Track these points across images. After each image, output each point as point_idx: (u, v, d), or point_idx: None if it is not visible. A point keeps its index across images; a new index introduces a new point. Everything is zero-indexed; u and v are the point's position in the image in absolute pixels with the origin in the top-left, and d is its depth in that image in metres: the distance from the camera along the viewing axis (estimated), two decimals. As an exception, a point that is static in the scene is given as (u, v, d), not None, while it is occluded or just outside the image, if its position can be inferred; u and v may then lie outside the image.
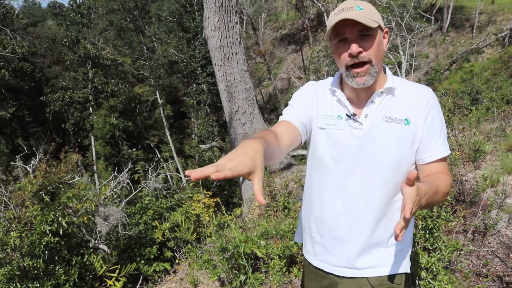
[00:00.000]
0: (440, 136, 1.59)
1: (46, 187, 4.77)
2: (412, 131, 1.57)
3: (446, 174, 1.61)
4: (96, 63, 25.99)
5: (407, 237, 1.73)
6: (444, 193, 1.56)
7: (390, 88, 1.62)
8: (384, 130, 1.59)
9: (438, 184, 1.52)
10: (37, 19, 63.93)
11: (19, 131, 29.69)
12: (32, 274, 4.56)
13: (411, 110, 1.58)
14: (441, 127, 1.60)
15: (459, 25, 29.27)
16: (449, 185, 1.59)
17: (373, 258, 1.68)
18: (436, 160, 1.60)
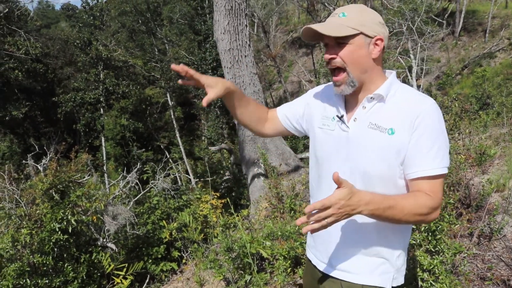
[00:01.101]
0: (428, 153, 1.49)
1: (56, 186, 4.86)
2: (395, 142, 1.52)
3: (429, 194, 1.50)
4: (107, 65, 26.24)
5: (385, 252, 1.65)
6: (411, 213, 1.48)
7: (380, 95, 1.58)
8: (367, 136, 1.58)
9: (402, 201, 1.48)
10: (50, 21, 64.62)
11: (31, 131, 30.04)
12: (42, 270, 4.64)
13: (398, 121, 1.52)
14: (431, 144, 1.49)
15: (472, 29, 29.09)
16: (424, 207, 1.48)
17: (350, 263, 1.69)
18: (421, 178, 1.51)
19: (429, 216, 1.51)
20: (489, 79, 21.44)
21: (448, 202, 3.03)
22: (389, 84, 1.60)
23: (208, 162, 23.03)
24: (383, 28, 1.58)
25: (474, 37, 28.48)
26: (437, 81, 25.53)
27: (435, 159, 1.49)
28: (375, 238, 1.62)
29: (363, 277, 1.66)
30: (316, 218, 1.37)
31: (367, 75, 1.60)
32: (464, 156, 4.04)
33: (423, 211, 1.48)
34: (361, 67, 1.58)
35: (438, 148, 1.50)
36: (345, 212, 1.39)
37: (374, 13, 1.59)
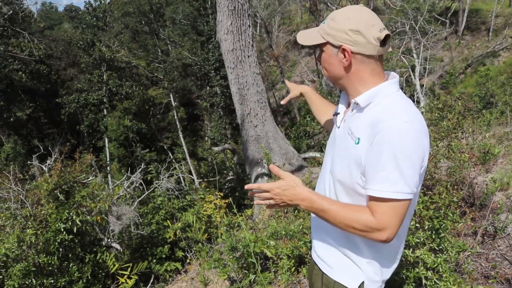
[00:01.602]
0: (378, 174, 1.43)
1: (61, 186, 4.89)
2: (358, 152, 1.50)
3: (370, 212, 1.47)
4: (111, 66, 26.31)
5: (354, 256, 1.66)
6: (344, 223, 1.50)
7: (357, 104, 1.58)
8: (343, 140, 1.62)
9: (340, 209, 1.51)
10: (54, 22, 64.87)
11: (35, 132, 30.15)
12: (47, 270, 4.67)
13: (365, 133, 1.50)
14: (383, 166, 1.41)
15: (475, 28, 29.02)
16: (358, 223, 1.47)
17: (328, 257, 1.75)
18: (370, 196, 1.48)
19: (370, 235, 1.47)
20: (492, 78, 21.38)
21: (451, 201, 3.03)
22: (374, 93, 1.55)
23: (211, 162, 23.07)
24: (357, 36, 1.50)
25: (478, 36, 28.42)
26: (440, 80, 25.49)
27: (385, 182, 1.42)
28: (344, 239, 1.66)
29: (338, 273, 1.71)
30: (257, 196, 1.59)
31: (343, 82, 1.62)
32: (468, 155, 4.04)
33: (356, 226, 1.48)
34: (332, 74, 1.63)
35: (391, 171, 1.40)
36: (282, 200, 1.56)
37: (349, 20, 1.52)
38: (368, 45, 1.50)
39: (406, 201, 1.44)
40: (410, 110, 1.49)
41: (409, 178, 1.41)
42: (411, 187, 1.43)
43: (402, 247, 1.73)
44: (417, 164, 1.43)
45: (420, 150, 1.43)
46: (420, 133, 1.44)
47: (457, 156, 4.10)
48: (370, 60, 1.54)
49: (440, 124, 4.68)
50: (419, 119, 1.47)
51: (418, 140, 1.43)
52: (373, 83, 1.56)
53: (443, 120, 4.67)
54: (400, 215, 1.45)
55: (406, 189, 1.41)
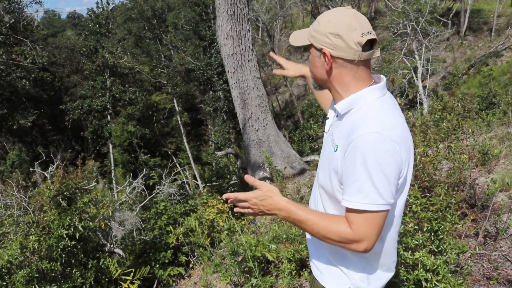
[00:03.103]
0: (351, 186, 1.41)
1: (63, 193, 4.91)
2: (335, 159, 1.50)
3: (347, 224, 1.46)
4: (114, 72, 26.41)
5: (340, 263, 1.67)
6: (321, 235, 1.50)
7: (336, 109, 1.58)
8: (326, 146, 1.63)
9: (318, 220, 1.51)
10: (57, 30, 65.27)
11: (40, 139, 30.30)
12: (50, 276, 4.69)
13: (341, 141, 1.49)
14: (355, 177, 1.39)
15: (477, 29, 28.94)
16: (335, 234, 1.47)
17: (319, 262, 1.76)
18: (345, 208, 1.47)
19: (347, 246, 1.47)
20: (495, 78, 21.33)
21: (450, 202, 3.03)
22: (353, 100, 1.52)
23: (215, 167, 23.07)
24: (337, 40, 1.46)
25: (480, 36, 28.33)
26: (443, 81, 25.43)
27: (358, 193, 1.40)
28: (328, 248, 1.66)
29: (326, 279, 1.72)
30: (236, 204, 1.63)
31: (328, 85, 1.61)
32: (468, 156, 4.04)
33: (334, 237, 1.48)
34: (316, 76, 1.63)
35: (364, 183, 1.38)
36: (260, 209, 1.59)
37: (331, 23, 1.48)
38: (348, 50, 1.46)
39: (381, 212, 1.41)
40: (388, 118, 1.45)
41: (382, 190, 1.38)
42: (385, 199, 1.39)
43: (392, 256, 1.70)
44: (391, 175, 1.39)
45: (395, 161, 1.39)
46: (394, 143, 1.39)
47: (457, 157, 4.10)
48: (352, 65, 1.50)
49: (440, 125, 4.68)
50: (397, 128, 1.43)
51: (391, 150, 1.38)
52: (355, 88, 1.52)
53: (443, 121, 4.67)
54: (377, 226, 1.43)
55: (379, 200, 1.39)
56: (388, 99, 1.55)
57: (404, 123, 1.52)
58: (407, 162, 1.46)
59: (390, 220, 1.55)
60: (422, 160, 3.66)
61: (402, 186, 1.49)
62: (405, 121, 1.55)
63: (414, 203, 2.94)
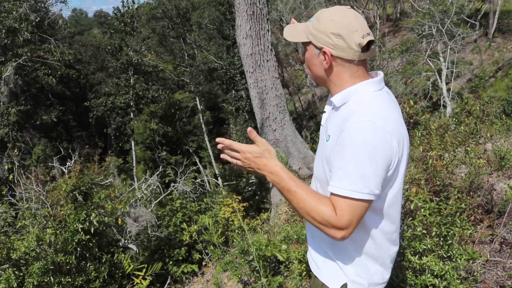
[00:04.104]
0: (339, 171, 1.42)
1: (79, 188, 5.01)
2: (327, 149, 1.52)
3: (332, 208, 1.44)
4: (137, 70, 26.73)
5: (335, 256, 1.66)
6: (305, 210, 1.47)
7: (332, 102, 1.60)
8: (321, 138, 1.65)
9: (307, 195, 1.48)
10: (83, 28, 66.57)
11: (64, 135, 30.93)
12: (65, 269, 4.79)
13: (334, 131, 1.51)
14: (344, 163, 1.40)
15: (506, 30, 28.24)
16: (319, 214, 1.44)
17: (317, 258, 1.75)
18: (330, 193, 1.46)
19: (326, 230, 1.45)
20: (524, 81, 20.81)
21: (459, 207, 2.97)
22: (348, 93, 1.54)
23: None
24: (338, 40, 1.48)
25: (509, 38, 27.63)
26: (469, 84, 24.92)
27: (344, 179, 1.40)
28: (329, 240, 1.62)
29: (324, 274, 1.71)
30: (226, 151, 1.60)
31: (324, 82, 1.62)
32: (484, 161, 3.95)
33: (316, 217, 1.45)
34: (313, 73, 1.63)
35: (350, 170, 1.39)
36: (250, 166, 1.55)
37: (333, 22, 1.49)
38: (348, 50, 1.48)
39: (364, 201, 1.41)
40: (381, 109, 1.47)
41: (368, 179, 1.38)
42: (370, 188, 1.39)
43: (387, 250, 1.67)
44: (379, 165, 1.40)
45: (384, 151, 1.40)
46: (386, 133, 1.40)
47: (473, 162, 4.02)
48: (350, 64, 1.53)
49: (458, 129, 4.59)
50: (390, 118, 1.45)
51: (382, 140, 1.40)
52: (350, 84, 1.55)
53: (460, 125, 4.58)
54: (358, 215, 1.42)
55: (364, 189, 1.38)
56: (384, 94, 1.57)
57: (399, 117, 1.53)
58: (398, 154, 1.45)
59: (379, 211, 1.54)
60: (434, 164, 3.60)
61: (392, 178, 1.49)
62: (401, 116, 1.56)
63: (423, 207, 2.90)
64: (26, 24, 16.83)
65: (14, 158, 14.30)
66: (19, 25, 16.57)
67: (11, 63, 16.70)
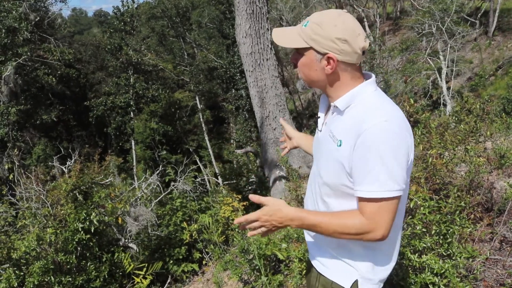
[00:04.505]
0: (367, 176, 1.45)
1: (80, 187, 5.01)
2: (342, 154, 1.52)
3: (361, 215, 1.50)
4: (137, 69, 26.74)
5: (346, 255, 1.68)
6: (338, 232, 1.52)
7: (336, 107, 1.59)
8: (326, 143, 1.63)
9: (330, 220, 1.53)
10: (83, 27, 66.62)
11: (64, 134, 30.95)
12: (65, 268, 4.79)
13: (346, 135, 1.51)
14: (371, 167, 1.43)
15: (506, 29, 28.22)
16: (351, 228, 1.50)
17: (324, 257, 1.76)
18: (360, 198, 1.50)
19: (364, 237, 1.50)
20: (524, 80, 20.80)
21: (458, 205, 2.98)
22: (352, 95, 1.55)
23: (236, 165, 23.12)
24: (344, 45, 1.49)
25: (509, 36, 27.61)
26: (469, 82, 24.91)
27: (374, 182, 1.44)
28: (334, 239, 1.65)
29: (334, 273, 1.72)
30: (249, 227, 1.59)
31: (322, 86, 1.62)
32: (484, 159, 3.96)
33: (350, 231, 1.51)
34: (313, 79, 1.62)
35: (379, 172, 1.43)
36: (272, 225, 1.57)
37: (336, 27, 1.49)
38: (353, 54, 1.50)
39: (396, 198, 1.46)
40: (389, 108, 1.51)
41: (396, 175, 1.43)
42: (399, 184, 1.44)
43: (396, 245, 1.72)
44: (402, 161, 1.45)
45: (404, 146, 1.45)
46: (402, 130, 1.46)
47: (473, 160, 4.02)
48: (352, 67, 1.55)
49: (458, 127, 4.60)
50: (399, 116, 1.50)
51: (400, 137, 1.44)
52: (351, 86, 1.57)
53: (460, 123, 4.59)
54: (392, 212, 1.48)
55: (395, 186, 1.44)
56: (381, 92, 1.60)
57: (402, 113, 1.57)
58: (412, 147, 1.52)
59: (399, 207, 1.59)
60: (434, 162, 3.60)
61: (408, 170, 1.53)
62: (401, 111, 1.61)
63: (423, 205, 2.90)
64: (26, 23, 16.84)
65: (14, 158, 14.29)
66: (19, 25, 16.58)
67: (11, 63, 16.71)
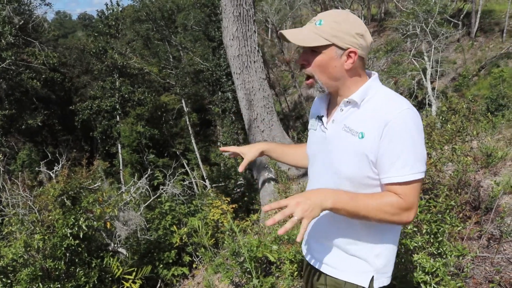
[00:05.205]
0: (397, 161, 1.50)
1: (68, 192, 4.96)
2: (365, 145, 1.55)
3: (396, 195, 1.54)
4: (123, 73, 26.57)
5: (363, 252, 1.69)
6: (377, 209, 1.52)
7: (354, 101, 1.61)
8: (341, 139, 1.63)
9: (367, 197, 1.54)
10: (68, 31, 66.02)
11: (50, 139, 30.58)
12: (54, 275, 4.73)
13: (369, 126, 1.55)
14: (400, 151, 1.50)
15: (488, 30, 28.67)
16: (390, 205, 1.52)
17: (332, 258, 1.75)
18: (391, 184, 1.54)
19: (399, 217, 1.54)
20: (506, 79, 21.14)
21: (449, 204, 3.01)
22: (365, 89, 1.61)
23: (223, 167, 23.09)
24: (361, 39, 1.57)
25: (491, 37, 28.06)
26: (453, 82, 25.23)
27: (405, 166, 1.50)
28: (350, 237, 1.67)
29: (346, 274, 1.71)
30: (281, 217, 1.42)
31: (340, 83, 1.64)
32: (472, 158, 4.01)
33: (388, 209, 1.52)
34: (330, 76, 1.62)
35: (409, 155, 1.50)
36: (308, 207, 1.45)
37: (353, 23, 1.57)
38: (366, 49, 1.60)
39: (422, 179, 1.55)
40: (403, 98, 1.59)
41: (421, 157, 1.53)
42: (424, 165, 1.54)
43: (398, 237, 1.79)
44: (423, 144, 1.55)
45: (422, 131, 1.55)
46: (418, 116, 1.55)
47: (460, 159, 4.07)
48: (363, 61, 1.63)
49: (445, 127, 4.65)
50: (411, 104, 1.58)
51: (419, 122, 1.54)
52: (362, 81, 1.64)
53: (447, 123, 4.64)
54: (419, 193, 1.57)
55: (422, 168, 1.53)
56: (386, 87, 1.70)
57: None
58: None
59: None
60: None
61: None
62: None
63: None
64: (9, 27, 16.64)
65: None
66: (3, 28, 16.39)
67: (-6, 67, 16.50)
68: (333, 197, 1.50)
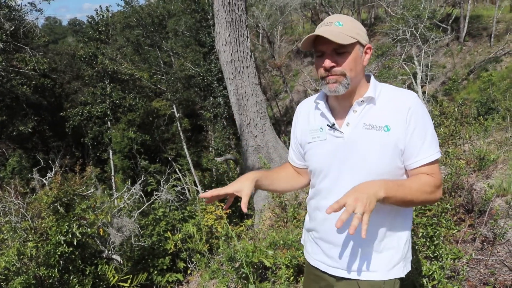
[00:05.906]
0: (424, 143, 1.62)
1: (61, 199, 4.92)
2: (392, 137, 1.62)
3: (429, 174, 1.65)
4: (114, 78, 26.43)
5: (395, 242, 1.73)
6: (419, 191, 1.61)
7: (370, 97, 1.67)
8: (365, 137, 1.65)
9: (408, 181, 1.64)
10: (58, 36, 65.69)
11: (40, 145, 30.31)
12: (47, 283, 4.68)
13: (391, 117, 1.64)
14: (425, 133, 1.63)
15: (477, 34, 29.03)
16: (428, 185, 1.63)
17: (364, 262, 1.72)
18: (422, 166, 1.64)
19: (434, 195, 1.66)
20: (495, 83, 21.37)
21: (445, 208, 3.03)
22: (375, 86, 1.71)
23: (215, 173, 23.07)
24: (367, 37, 1.70)
25: (479, 42, 28.42)
26: (443, 87, 25.47)
27: (430, 147, 1.63)
28: (380, 232, 1.70)
29: (382, 273, 1.71)
30: (346, 216, 1.39)
31: (358, 80, 1.69)
32: (464, 161, 4.04)
33: (427, 189, 1.62)
34: (358, 72, 1.67)
35: (431, 136, 1.64)
36: (366, 201, 1.43)
37: (359, 24, 1.70)
38: None
39: None
40: (402, 88, 1.74)
41: (436, 138, 1.68)
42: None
43: None
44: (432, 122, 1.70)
45: None
46: None
47: (453, 163, 4.10)
48: None
49: (437, 131, 4.69)
50: None
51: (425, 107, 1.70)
52: (367, 78, 1.75)
53: (440, 127, 4.68)
54: None
55: (439, 148, 1.68)
56: None
57: None
58: None
59: None
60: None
61: None
62: None
63: (409, 208, 2.94)
64: (0, 33, 16.50)
65: (-12, 171, 13.95)
66: (-7, 34, 16.26)
67: (-16, 74, 16.35)
68: (384, 186, 1.52)
